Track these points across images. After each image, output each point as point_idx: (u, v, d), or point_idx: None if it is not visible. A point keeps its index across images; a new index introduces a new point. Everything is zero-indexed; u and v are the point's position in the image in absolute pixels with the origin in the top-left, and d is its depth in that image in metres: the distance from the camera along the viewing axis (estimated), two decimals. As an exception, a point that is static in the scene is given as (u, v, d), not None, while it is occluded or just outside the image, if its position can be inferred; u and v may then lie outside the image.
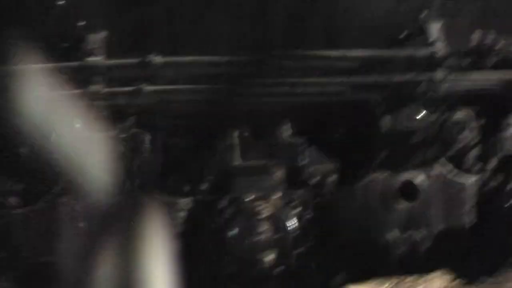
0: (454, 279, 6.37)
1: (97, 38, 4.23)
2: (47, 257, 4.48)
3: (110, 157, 4.33)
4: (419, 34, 4.52)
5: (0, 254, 4.44)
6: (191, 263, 4.74)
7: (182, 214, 4.54)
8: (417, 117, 4.59)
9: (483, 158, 5.02)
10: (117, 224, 4.36)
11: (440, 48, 4.48)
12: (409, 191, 4.74)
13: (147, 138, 4.40)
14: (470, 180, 4.88)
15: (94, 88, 4.21)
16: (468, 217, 4.92)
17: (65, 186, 4.35)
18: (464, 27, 4.62)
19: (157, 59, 4.25)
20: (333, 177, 4.73)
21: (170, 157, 4.58)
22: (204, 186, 4.62)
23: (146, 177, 4.50)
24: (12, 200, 4.44)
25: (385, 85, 4.54)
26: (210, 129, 4.63)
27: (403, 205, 4.73)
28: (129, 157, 4.35)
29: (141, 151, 4.36)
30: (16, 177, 4.51)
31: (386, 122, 4.60)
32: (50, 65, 4.17)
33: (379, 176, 4.68)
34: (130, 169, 4.41)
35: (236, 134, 4.59)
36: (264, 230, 4.45)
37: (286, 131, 4.63)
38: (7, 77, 4.13)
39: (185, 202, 4.56)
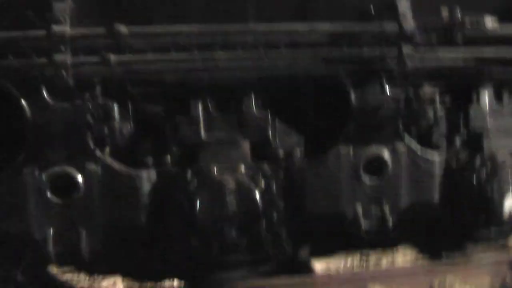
0: (419, 254, 6.51)
1: (63, 6, 4.23)
2: (11, 229, 4.53)
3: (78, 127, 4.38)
4: (388, 9, 4.59)
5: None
6: (157, 235, 4.83)
7: (147, 185, 4.61)
8: (385, 92, 4.68)
9: (450, 134, 5.13)
10: None
11: (408, 23, 4.55)
12: (376, 165, 4.87)
13: (115, 107, 4.44)
14: (437, 156, 5.03)
15: (59, 57, 4.21)
16: (434, 193, 5.05)
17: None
18: (432, 3, 4.69)
19: (124, 28, 4.28)
20: (299, 150, 4.82)
21: (137, 128, 4.62)
22: (169, 158, 4.68)
23: (114, 146, 4.57)
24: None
25: (353, 59, 4.62)
26: (175, 101, 4.70)
27: (369, 180, 4.85)
28: (97, 127, 4.37)
29: (109, 120, 4.39)
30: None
31: (354, 96, 4.69)
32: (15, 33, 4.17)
33: (346, 150, 4.78)
34: (99, 138, 4.46)
35: (201, 106, 4.67)
36: (230, 202, 4.53)
37: (252, 104, 4.72)
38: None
39: (150, 174, 4.63)
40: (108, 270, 5.62)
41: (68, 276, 6.07)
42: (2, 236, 4.61)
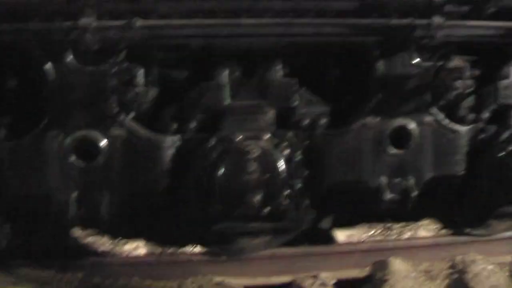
0: (441, 228, 6.49)
1: (89, -31, 4.20)
2: (34, 191, 4.55)
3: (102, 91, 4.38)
4: (418, -21, 4.52)
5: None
6: (179, 201, 4.85)
7: (171, 151, 4.61)
8: (412, 63, 4.62)
9: (478, 107, 5.08)
10: None
11: (438, -7, 4.47)
12: (400, 137, 4.82)
13: (139, 71, 4.42)
14: (463, 129, 4.98)
15: (84, 21, 4.18)
16: (459, 167, 5.00)
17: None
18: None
19: (150, -8, 4.24)
20: (324, 120, 4.78)
21: (161, 93, 4.61)
22: (193, 125, 4.67)
23: (139, 111, 4.56)
24: (1, 133, 4.46)
25: (381, 29, 4.54)
26: (200, 67, 4.68)
27: (394, 151, 4.81)
28: (121, 91, 4.36)
29: (133, 85, 4.38)
30: (3, 110, 4.54)
31: (380, 66, 4.64)
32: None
33: (371, 121, 4.74)
34: (123, 103, 4.46)
35: (226, 72, 4.64)
36: (253, 170, 4.53)
37: (277, 71, 4.68)
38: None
39: (174, 140, 4.63)
40: (131, 234, 5.68)
41: (90, 239, 6.15)
42: (26, 199, 4.66)
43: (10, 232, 4.77)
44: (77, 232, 6.12)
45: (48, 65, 4.32)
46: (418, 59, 4.65)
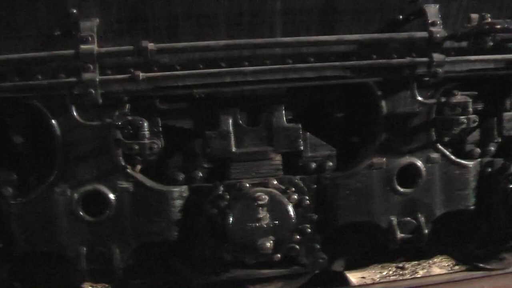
0: (455, 264, 6.44)
1: (90, 25, 4.22)
2: (43, 247, 4.55)
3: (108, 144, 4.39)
4: (417, 17, 4.54)
5: (-3, 244, 4.49)
6: (190, 251, 4.83)
7: (179, 201, 4.61)
8: (415, 101, 4.63)
9: (483, 141, 5.07)
10: None
11: (438, 31, 4.48)
12: (409, 175, 4.81)
13: (144, 124, 4.44)
14: (471, 164, 4.97)
15: (88, 76, 4.21)
16: (469, 201, 4.98)
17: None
18: (461, 10, 4.62)
19: (151, 45, 4.25)
20: (331, 163, 4.80)
21: (167, 143, 4.62)
22: (200, 174, 4.68)
23: (145, 162, 4.58)
24: (8, 190, 4.47)
25: (383, 68, 4.57)
26: (204, 116, 4.70)
27: (402, 190, 4.80)
28: (127, 144, 4.38)
29: (139, 137, 4.39)
30: (11, 167, 4.55)
31: (384, 105, 4.65)
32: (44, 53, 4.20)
33: (377, 161, 4.73)
34: (130, 155, 4.48)
35: (231, 120, 4.65)
36: (263, 216, 4.51)
37: (282, 116, 4.69)
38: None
39: (182, 190, 4.63)
40: (142, 285, 5.64)
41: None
42: (36, 255, 4.64)
43: (21, 289, 4.76)
44: (88, 286, 6.10)
45: (54, 121, 4.37)
46: (421, 97, 4.67)
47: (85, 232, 4.53)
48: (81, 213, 4.48)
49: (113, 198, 4.49)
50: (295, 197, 4.65)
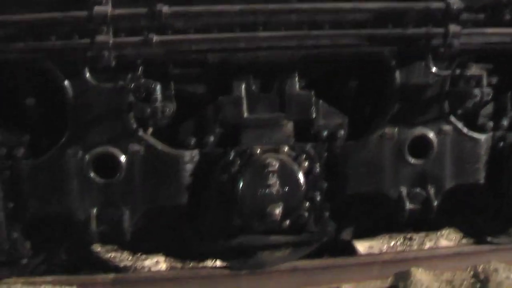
0: (463, 237, 6.44)
1: (104, -14, 4.22)
2: (54, 209, 4.59)
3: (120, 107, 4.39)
4: (435, -13, 4.50)
5: (9, 205, 4.51)
6: (199, 216, 4.86)
7: (190, 166, 4.62)
8: (430, 72, 4.60)
9: (496, 115, 5.04)
10: None
11: (455, 1, 4.44)
12: (421, 146, 4.80)
13: (157, 87, 4.43)
14: (483, 137, 4.95)
15: (101, 38, 4.21)
16: (479, 175, 4.97)
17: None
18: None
19: (166, 8, 4.24)
20: (343, 131, 4.78)
21: (179, 108, 4.63)
22: (211, 139, 4.69)
23: (157, 126, 4.58)
24: (20, 151, 4.49)
25: (398, 38, 4.53)
26: (217, 81, 4.69)
27: (413, 161, 4.79)
28: (139, 107, 4.38)
29: (151, 101, 4.39)
30: (24, 128, 4.57)
31: (398, 76, 4.62)
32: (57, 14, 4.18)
33: (390, 131, 4.71)
34: (142, 119, 4.48)
35: (243, 86, 4.64)
36: (273, 183, 4.52)
37: (295, 84, 4.67)
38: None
39: (193, 154, 4.64)
40: (151, 249, 5.67)
41: (111, 255, 6.15)
42: (46, 217, 4.67)
43: (32, 250, 4.78)
44: (97, 248, 6.14)
45: (66, 83, 4.37)
46: (435, 68, 4.65)
47: (96, 194, 4.55)
48: (92, 175, 4.50)
49: (124, 160, 4.50)
50: (306, 164, 4.66)
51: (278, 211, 4.52)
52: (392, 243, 6.54)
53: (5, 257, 4.74)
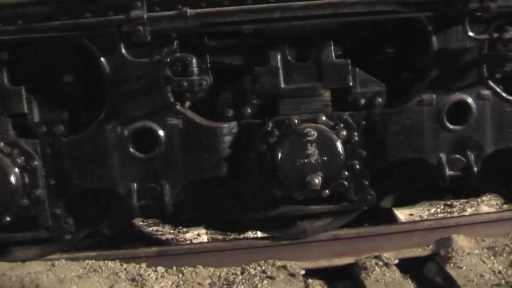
0: (504, 203, 6.38)
1: (138, -38, 4.23)
2: (95, 184, 4.66)
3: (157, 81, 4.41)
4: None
5: (51, 182, 4.57)
6: (239, 188, 4.89)
7: (229, 138, 4.64)
8: (467, 36, 4.53)
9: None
10: None
11: (492, -37, 4.36)
12: (460, 112, 4.74)
13: (193, 60, 4.44)
14: (523, 101, 4.85)
15: (136, 13, 4.22)
16: (519, 140, 4.91)
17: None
18: None
19: (200, -18, 4.24)
20: (380, 99, 4.74)
21: (216, 80, 4.65)
22: (249, 110, 4.68)
23: (194, 99, 4.59)
24: (59, 128, 4.55)
25: (435, 2, 4.46)
26: (253, 52, 4.68)
27: (452, 127, 4.74)
28: (176, 80, 4.40)
29: (187, 74, 4.40)
30: (62, 106, 4.62)
31: (435, 41, 4.56)
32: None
33: (428, 98, 4.66)
34: (179, 92, 4.50)
35: (279, 56, 4.62)
36: (312, 152, 4.51)
37: (331, 52, 4.64)
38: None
39: (231, 126, 4.66)
40: (192, 222, 5.72)
41: (153, 228, 6.21)
42: (88, 191, 4.74)
43: (75, 225, 4.85)
44: (139, 222, 6.22)
45: (103, 59, 4.40)
46: (473, 32, 4.57)
47: (136, 168, 4.62)
48: (132, 150, 4.56)
49: (163, 134, 4.54)
50: (344, 133, 4.64)
51: (317, 180, 4.52)
52: (433, 210, 6.51)
53: (49, 234, 4.85)
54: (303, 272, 4.80)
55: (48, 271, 4.72)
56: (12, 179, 4.51)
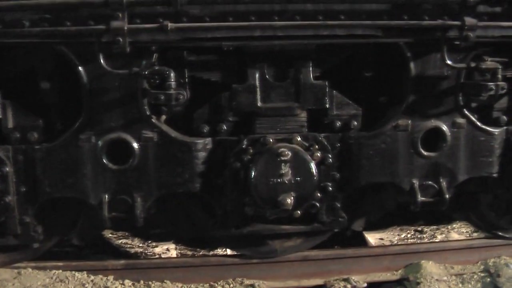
0: (474, 231, 6.42)
1: (121, -27, 4.22)
2: (66, 193, 4.61)
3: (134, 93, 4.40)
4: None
5: (22, 189, 4.53)
6: (211, 204, 4.87)
7: (203, 153, 4.62)
8: (446, 64, 4.57)
9: (511, 108, 5.01)
10: None
11: (471, -6, 4.43)
12: (434, 138, 4.78)
13: (171, 74, 4.44)
14: (497, 131, 4.92)
15: (117, 24, 4.21)
16: (492, 169, 4.95)
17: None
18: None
19: (182, -4, 4.25)
20: (356, 121, 4.77)
21: (193, 95, 4.64)
22: (224, 127, 4.68)
23: (171, 113, 4.59)
24: (33, 135, 4.51)
25: (414, 29, 4.50)
26: (232, 69, 4.69)
27: (426, 153, 4.77)
28: (153, 93, 4.39)
29: (165, 87, 4.40)
30: (37, 113, 4.59)
31: (413, 67, 4.61)
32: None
33: (403, 123, 4.70)
34: (155, 105, 4.50)
35: (258, 74, 4.64)
36: (285, 172, 4.52)
37: (309, 73, 4.66)
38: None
39: (206, 142, 4.64)
40: (162, 236, 5.69)
41: (122, 241, 6.17)
42: (59, 201, 4.70)
43: (43, 234, 4.80)
44: (109, 234, 6.17)
45: (81, 68, 4.38)
46: (450, 60, 4.61)
47: (108, 180, 4.57)
48: (105, 161, 4.52)
49: (137, 147, 4.52)
50: (319, 154, 4.66)
51: (289, 200, 4.53)
52: (403, 235, 6.54)
53: (17, 241, 4.78)
54: (271, 291, 4.81)
55: (14, 279, 4.68)
56: (-18, 184, 4.48)
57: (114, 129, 4.50)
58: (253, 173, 4.55)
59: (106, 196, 4.56)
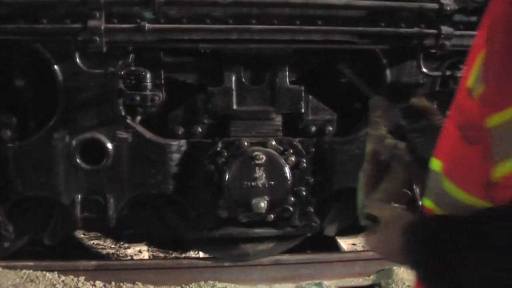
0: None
1: (98, -28, 4.22)
2: (39, 192, 4.61)
3: (110, 93, 4.40)
4: (428, -12, 4.53)
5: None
6: (184, 206, 4.89)
7: (177, 155, 4.65)
8: (421, 71, 4.63)
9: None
10: None
11: (448, 3, 4.49)
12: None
13: (147, 75, 4.47)
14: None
15: (93, 23, 4.22)
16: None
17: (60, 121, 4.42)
18: (473, -18, 4.61)
19: (160, -4, 4.26)
20: (331, 127, 4.83)
21: (168, 97, 4.67)
22: (199, 129, 4.71)
23: (145, 114, 4.61)
24: (6, 133, 4.50)
25: (390, 36, 4.58)
26: (208, 71, 4.72)
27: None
28: (128, 94, 4.41)
29: (141, 88, 4.42)
30: (11, 110, 4.58)
31: (389, 74, 4.67)
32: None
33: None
34: (130, 106, 4.52)
35: (234, 77, 4.67)
36: (259, 176, 4.57)
37: (286, 77, 4.71)
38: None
39: (180, 144, 4.67)
40: (134, 238, 5.68)
41: (94, 241, 6.16)
42: (31, 200, 4.69)
43: (14, 233, 4.79)
44: (81, 234, 6.15)
45: (56, 66, 4.38)
46: (426, 68, 4.68)
47: (81, 179, 4.57)
48: (78, 161, 4.51)
49: (111, 147, 4.52)
50: (293, 159, 4.70)
51: (263, 204, 4.57)
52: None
53: (-13, 240, 4.78)
54: (242, 295, 4.84)
55: (-17, 278, 4.67)
56: (-47, 182, 4.46)
57: (89, 128, 4.50)
58: (227, 176, 4.58)
59: (79, 196, 4.55)
